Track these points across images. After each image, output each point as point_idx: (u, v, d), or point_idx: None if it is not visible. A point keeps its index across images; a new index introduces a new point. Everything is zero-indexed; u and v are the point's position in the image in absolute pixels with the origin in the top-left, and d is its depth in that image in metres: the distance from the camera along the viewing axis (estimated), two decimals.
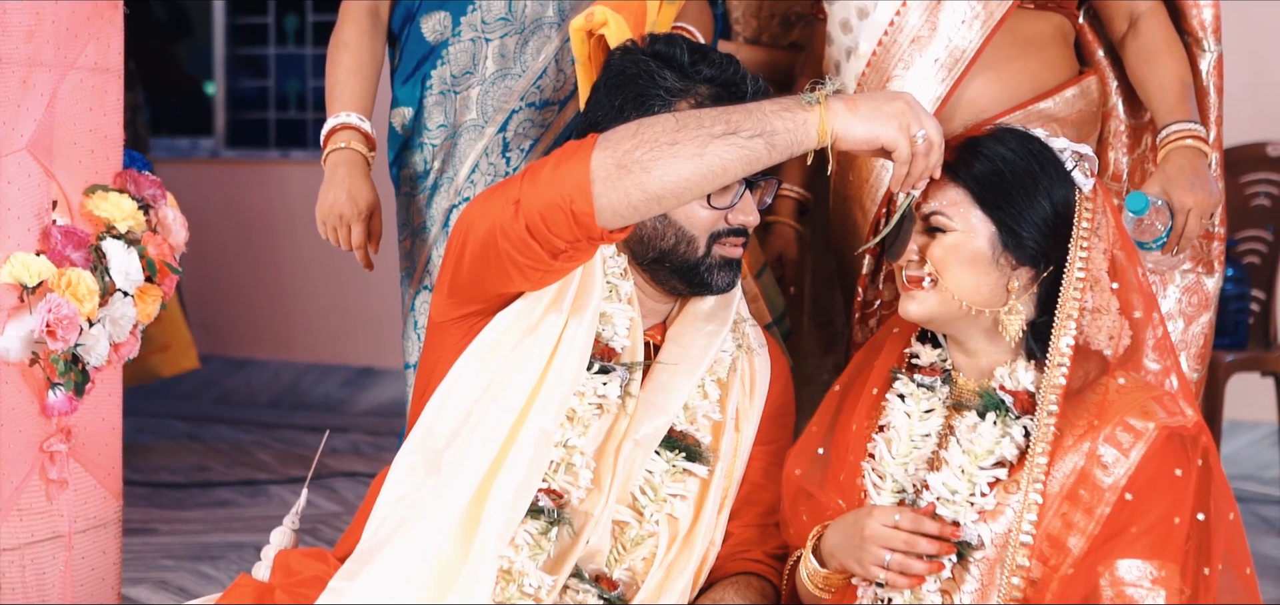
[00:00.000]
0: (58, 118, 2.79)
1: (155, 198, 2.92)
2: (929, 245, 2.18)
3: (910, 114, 2.03)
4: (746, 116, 2.01)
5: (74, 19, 2.79)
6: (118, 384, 2.95)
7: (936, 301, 2.17)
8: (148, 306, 2.85)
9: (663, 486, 2.27)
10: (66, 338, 2.66)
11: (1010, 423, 2.14)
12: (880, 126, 2.02)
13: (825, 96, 2.02)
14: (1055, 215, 2.14)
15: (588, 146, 2.06)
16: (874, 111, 2.02)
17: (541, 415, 2.15)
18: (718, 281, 2.31)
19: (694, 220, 2.27)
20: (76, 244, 2.74)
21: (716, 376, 2.34)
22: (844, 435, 2.30)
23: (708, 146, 2.00)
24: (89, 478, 2.89)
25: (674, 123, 2.03)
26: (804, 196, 3.00)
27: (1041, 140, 2.19)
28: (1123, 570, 2.02)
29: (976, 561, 2.11)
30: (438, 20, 2.81)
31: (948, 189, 2.17)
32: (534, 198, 2.07)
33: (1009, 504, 2.10)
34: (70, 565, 2.86)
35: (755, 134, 2.00)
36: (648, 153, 2.01)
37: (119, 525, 2.99)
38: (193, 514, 4.86)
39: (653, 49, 2.33)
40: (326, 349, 7.02)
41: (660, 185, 2.02)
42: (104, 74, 2.87)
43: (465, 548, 2.07)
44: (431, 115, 2.82)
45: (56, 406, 2.71)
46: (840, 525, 2.20)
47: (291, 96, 7.52)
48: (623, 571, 2.24)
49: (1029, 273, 2.16)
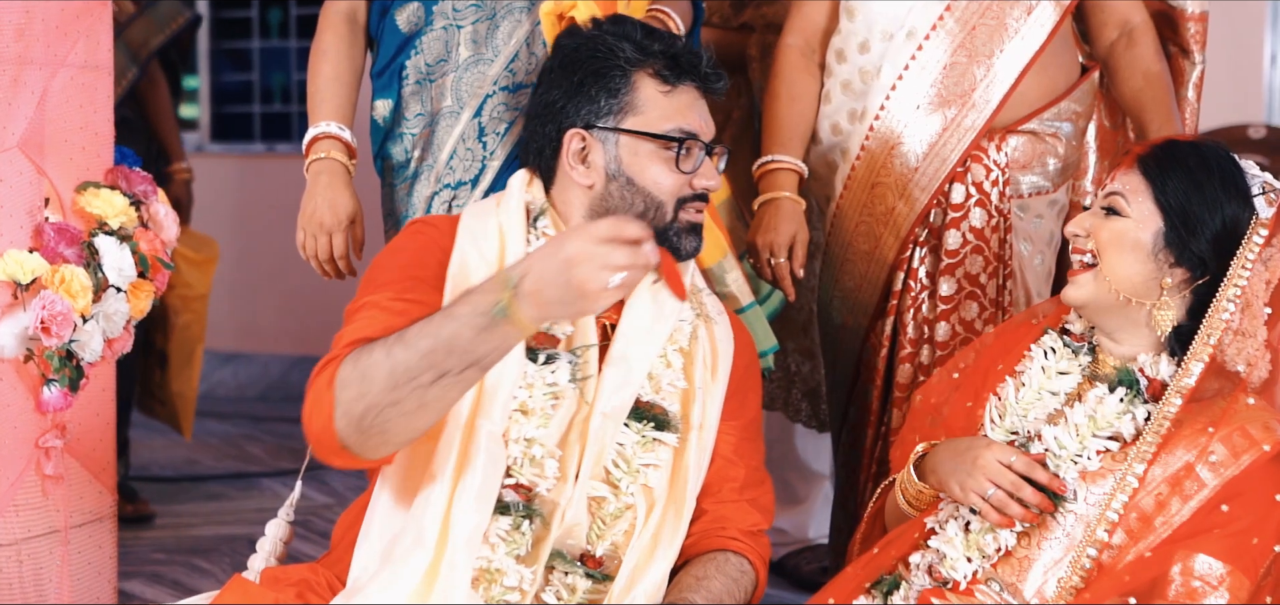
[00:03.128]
0: (49, 115, 2.80)
1: (146, 194, 2.94)
2: (1099, 225, 2.25)
3: (589, 265, 1.91)
4: (449, 353, 1.99)
5: (64, 17, 2.80)
6: (111, 379, 2.97)
7: (1093, 287, 2.24)
8: (140, 302, 2.87)
9: (635, 458, 2.28)
10: (61, 334, 2.67)
11: (1136, 404, 2.21)
12: (572, 306, 1.95)
13: (511, 296, 1.95)
14: (1224, 229, 2.20)
15: (328, 406, 2.05)
16: (561, 298, 1.93)
17: (487, 418, 2.17)
18: (685, 245, 2.34)
19: (661, 186, 2.30)
20: (69, 241, 2.75)
21: (678, 345, 2.35)
22: (984, 370, 2.39)
23: (428, 395, 2.01)
24: (84, 473, 2.91)
25: (388, 379, 2.01)
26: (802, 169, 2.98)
27: (1234, 159, 2.26)
28: (1197, 564, 2.08)
29: (1064, 514, 2.17)
30: (411, 11, 2.82)
31: (1133, 176, 2.24)
32: (310, 402, 2.10)
33: (1112, 473, 2.17)
34: (67, 560, 2.87)
35: (467, 366, 2.00)
36: (378, 418, 2.03)
37: (114, 519, 3.01)
38: (184, 508, 4.88)
39: (606, 27, 2.37)
40: (315, 342, 7.02)
41: (403, 437, 2.07)
42: (94, 71, 2.88)
43: (439, 560, 2.10)
44: (409, 105, 2.84)
45: (51, 402, 2.73)
46: (953, 446, 2.28)
47: (276, 89, 7.52)
48: (605, 547, 2.26)
49: (1184, 274, 2.21)
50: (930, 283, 2.87)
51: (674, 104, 2.32)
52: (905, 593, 2.26)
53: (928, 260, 2.87)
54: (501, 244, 2.30)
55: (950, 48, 2.79)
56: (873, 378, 2.96)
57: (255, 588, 2.26)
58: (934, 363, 2.84)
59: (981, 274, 2.84)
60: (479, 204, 2.41)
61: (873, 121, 2.86)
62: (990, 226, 2.83)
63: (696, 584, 2.26)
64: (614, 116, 2.31)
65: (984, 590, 2.20)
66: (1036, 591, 2.17)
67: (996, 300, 2.85)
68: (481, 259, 2.28)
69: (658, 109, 2.31)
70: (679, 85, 2.32)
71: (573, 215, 2.34)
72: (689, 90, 2.33)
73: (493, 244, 2.30)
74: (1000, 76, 2.79)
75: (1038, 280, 2.92)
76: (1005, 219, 2.84)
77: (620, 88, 2.31)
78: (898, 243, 2.87)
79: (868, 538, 2.47)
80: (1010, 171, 2.84)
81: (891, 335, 2.92)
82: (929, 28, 2.80)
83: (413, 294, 2.21)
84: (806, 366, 3.66)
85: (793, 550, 4.11)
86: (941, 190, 2.83)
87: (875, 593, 2.31)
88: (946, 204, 2.84)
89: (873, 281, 2.92)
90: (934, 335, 2.86)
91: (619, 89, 2.31)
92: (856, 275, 2.95)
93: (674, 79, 2.32)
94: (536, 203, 2.37)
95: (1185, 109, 2.98)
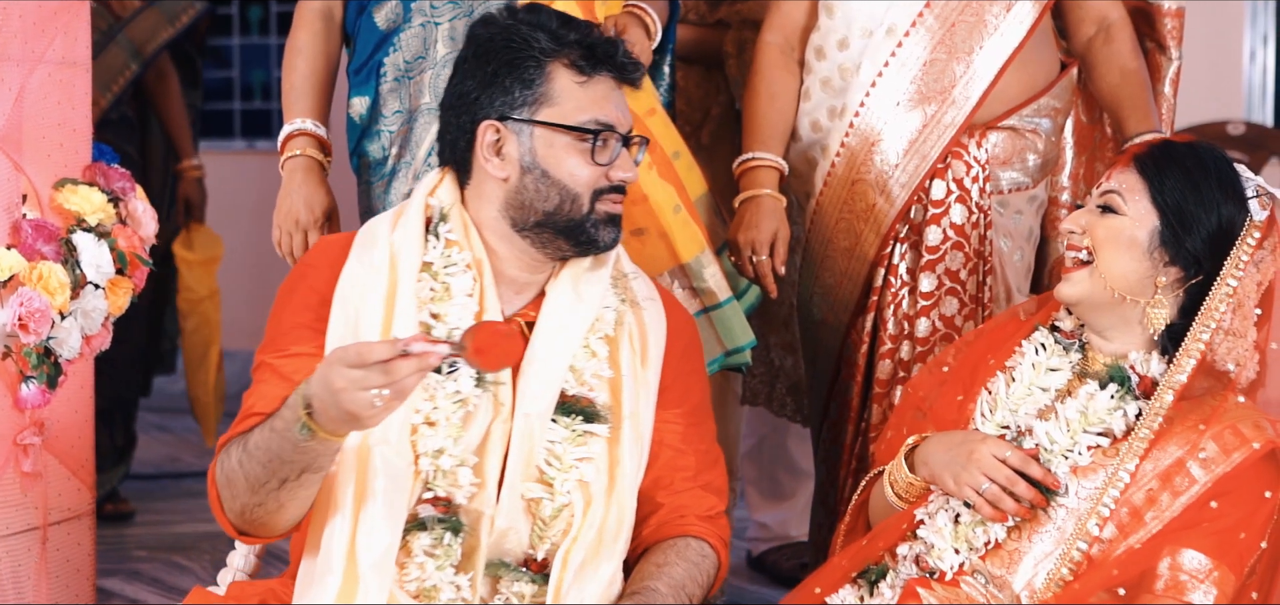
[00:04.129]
0: (26, 112, 2.79)
1: (124, 190, 2.93)
2: (1095, 223, 2.26)
3: (349, 392, 1.90)
4: (281, 464, 2.02)
5: (41, 13, 2.80)
6: (90, 376, 2.96)
7: (1088, 284, 2.25)
8: (119, 298, 2.86)
9: (567, 454, 2.24)
10: (39, 331, 2.67)
11: (1127, 400, 2.22)
12: (355, 425, 1.96)
13: (308, 417, 1.95)
14: (1220, 229, 2.23)
15: (216, 501, 2.12)
16: (343, 420, 1.93)
17: (382, 440, 2.14)
18: (603, 237, 2.28)
19: (577, 179, 2.25)
20: (47, 237, 2.75)
21: (602, 333, 2.31)
22: (974, 364, 2.40)
23: (282, 496, 2.06)
24: (63, 470, 2.90)
25: (246, 484, 2.07)
26: (782, 166, 2.97)
27: (1229, 160, 2.29)
28: (1185, 559, 2.11)
29: (1056, 508, 2.19)
30: (389, 9, 2.82)
31: (1129, 175, 2.26)
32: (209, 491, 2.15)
33: (1103, 467, 2.19)
34: (45, 557, 2.87)
35: (301, 471, 2.04)
36: (254, 514, 2.09)
37: (93, 517, 3.01)
38: (165, 505, 4.87)
39: (521, 16, 2.32)
40: None
41: (287, 522, 2.12)
42: (72, 68, 2.88)
43: (353, 585, 2.08)
44: (387, 103, 2.84)
45: (30, 399, 2.72)
46: (946, 439, 2.29)
47: (256, 86, 7.51)
48: (546, 549, 2.23)
49: (1177, 274, 2.24)
50: (911, 279, 2.88)
51: (589, 95, 2.26)
52: (892, 581, 2.28)
53: (908, 256, 2.88)
54: (392, 260, 2.25)
55: (930, 45, 2.80)
56: (854, 374, 2.96)
57: (216, 599, 2.26)
58: (914, 359, 2.85)
59: (962, 270, 2.85)
60: (380, 216, 2.35)
61: (853, 118, 2.86)
62: (970, 223, 2.84)
63: (658, 571, 2.24)
64: (529, 108, 2.25)
65: (969, 582, 2.21)
66: (1026, 584, 2.19)
67: (977, 296, 2.86)
68: (368, 273, 2.24)
69: (573, 100, 2.25)
70: (594, 76, 2.27)
71: (487, 210, 2.28)
72: (605, 81, 2.28)
73: (383, 260, 2.25)
74: (980, 73, 2.79)
75: (1017, 276, 2.93)
76: (985, 215, 2.84)
77: (535, 79, 2.25)
78: (878, 239, 2.87)
79: (851, 530, 2.47)
80: (990, 168, 2.85)
81: (872, 331, 2.93)
82: (909, 24, 2.81)
83: (300, 346, 2.21)
84: (789, 361, 3.66)
85: (773, 546, 4.11)
86: (922, 186, 2.84)
87: (861, 582, 2.32)
88: (927, 200, 2.85)
89: (853, 278, 2.92)
90: (914, 331, 2.87)
91: (533, 80, 2.25)
92: (837, 272, 2.95)
93: (589, 69, 2.26)
94: (441, 206, 2.31)
95: (1162, 104, 3.00)
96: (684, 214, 2.76)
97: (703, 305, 2.78)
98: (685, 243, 2.76)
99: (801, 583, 2.40)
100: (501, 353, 2.03)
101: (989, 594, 2.20)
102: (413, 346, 1.89)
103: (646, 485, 2.32)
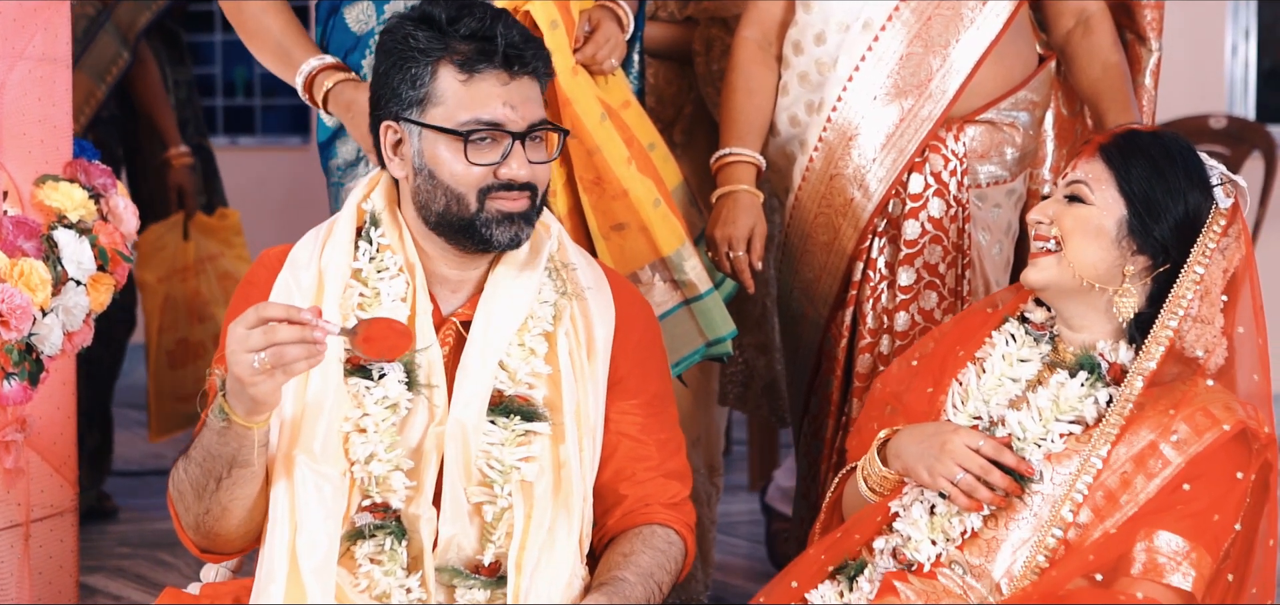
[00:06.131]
0: (6, 108, 2.79)
1: (106, 187, 2.93)
2: (1063, 212, 2.28)
3: (237, 352, 1.97)
4: (213, 460, 2.09)
5: (22, 10, 2.80)
6: (72, 373, 2.97)
7: (1056, 270, 2.27)
8: (100, 295, 2.86)
9: (507, 456, 2.21)
10: (20, 327, 2.67)
11: (1098, 387, 2.25)
12: (244, 398, 2.01)
13: (224, 398, 2.04)
14: (1187, 217, 2.25)
15: (175, 518, 2.22)
16: (236, 393, 2.02)
17: (305, 450, 2.13)
18: (498, 236, 2.23)
19: (459, 178, 2.22)
20: (28, 234, 2.75)
21: (540, 330, 2.28)
22: (944, 355, 2.42)
23: (221, 499, 2.12)
24: (45, 466, 2.90)
25: (193, 492, 2.14)
26: (759, 162, 2.96)
27: (1193, 149, 2.31)
28: (1160, 542, 2.13)
29: (1031, 495, 2.21)
30: (361, 10, 2.80)
31: (1095, 164, 2.28)
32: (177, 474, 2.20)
33: (1077, 453, 2.20)
34: (28, 554, 2.87)
35: (230, 467, 2.09)
36: (204, 523, 2.16)
37: (76, 513, 3.01)
38: (148, 502, 4.86)
39: (413, 12, 2.29)
40: None
41: (235, 531, 2.17)
42: (52, 64, 2.88)
43: (297, 591, 2.08)
44: None
45: (11, 396, 2.72)
46: (918, 431, 2.30)
47: (238, 83, 7.50)
48: (494, 552, 2.20)
49: (1145, 262, 2.26)
50: (889, 273, 2.89)
51: (473, 93, 2.21)
52: (870, 575, 2.29)
53: (887, 250, 2.89)
54: (319, 273, 2.24)
55: (906, 38, 2.81)
56: (833, 368, 2.97)
57: (188, 598, 2.26)
58: (894, 352, 2.86)
59: (940, 264, 2.86)
60: (318, 227, 2.33)
61: (830, 113, 2.87)
62: (949, 216, 2.85)
63: (624, 561, 2.23)
64: (417, 109, 2.22)
65: (946, 573, 2.23)
66: (1005, 571, 2.21)
67: (955, 290, 2.87)
68: (297, 285, 2.23)
69: (455, 99, 2.21)
70: (477, 74, 2.21)
71: (408, 209, 2.28)
72: (491, 77, 2.21)
73: (312, 266, 2.25)
74: (956, 67, 2.80)
75: (996, 269, 2.94)
76: (963, 209, 2.86)
77: (421, 79, 2.22)
78: (856, 233, 2.88)
79: (827, 527, 2.49)
80: (968, 161, 2.86)
81: (851, 326, 2.94)
82: (885, 18, 2.82)
83: None
84: (762, 361, 3.66)
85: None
86: (899, 180, 2.85)
87: (840, 577, 2.33)
88: (905, 194, 2.86)
89: (832, 272, 2.93)
90: (893, 325, 2.88)
91: (419, 80, 2.22)
92: (816, 266, 2.96)
93: (471, 67, 2.21)
94: (374, 210, 2.29)
95: (1143, 97, 3.00)
96: (664, 207, 2.77)
97: (684, 297, 2.78)
98: (666, 236, 2.76)
99: (777, 576, 2.40)
100: (388, 345, 2.08)
101: (965, 586, 2.21)
102: (303, 315, 1.95)
103: (608, 478, 2.31)
